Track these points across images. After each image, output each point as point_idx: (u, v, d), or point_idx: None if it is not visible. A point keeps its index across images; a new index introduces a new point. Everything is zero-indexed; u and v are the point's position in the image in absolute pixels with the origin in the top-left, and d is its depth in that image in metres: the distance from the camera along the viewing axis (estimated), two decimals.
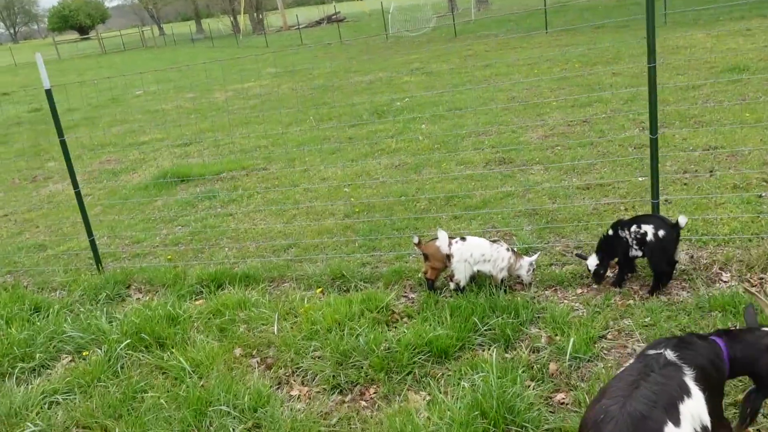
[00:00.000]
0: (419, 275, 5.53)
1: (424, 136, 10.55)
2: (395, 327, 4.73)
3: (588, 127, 9.66)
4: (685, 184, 6.81)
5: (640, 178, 7.18)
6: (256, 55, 13.16)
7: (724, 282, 4.79)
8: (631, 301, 4.69)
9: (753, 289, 4.54)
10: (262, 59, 27.00)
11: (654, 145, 5.00)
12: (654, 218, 4.81)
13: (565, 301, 4.87)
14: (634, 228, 4.75)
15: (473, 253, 4.90)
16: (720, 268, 4.95)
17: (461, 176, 8.20)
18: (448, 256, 4.92)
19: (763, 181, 6.51)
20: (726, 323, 4.17)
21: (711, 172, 7.02)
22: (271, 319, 4.99)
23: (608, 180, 7.24)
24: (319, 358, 4.46)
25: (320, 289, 5.62)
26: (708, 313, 4.33)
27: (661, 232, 4.63)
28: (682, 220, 4.62)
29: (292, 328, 4.84)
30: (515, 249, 5.15)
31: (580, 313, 4.62)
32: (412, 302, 5.19)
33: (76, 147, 14.38)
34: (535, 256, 5.15)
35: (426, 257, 5.17)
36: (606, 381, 3.74)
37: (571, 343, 4.05)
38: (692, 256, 5.19)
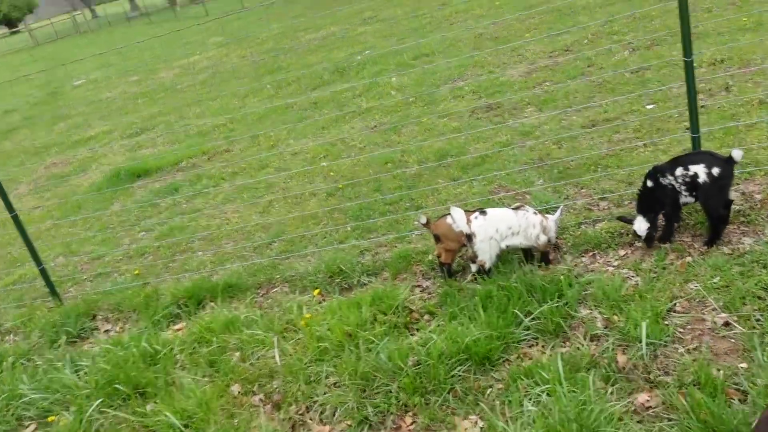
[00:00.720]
0: (429, 257, 4.76)
1: (395, 91, 9.64)
2: (417, 330, 3.96)
3: (572, 56, 8.83)
4: (702, 107, 6.05)
5: (648, 107, 6.42)
6: (198, 24, 12.03)
7: None
8: (689, 258, 3.97)
9: None
10: (205, 29, 25.48)
11: (690, 68, 4.21)
12: (701, 155, 4.05)
13: (610, 267, 4.13)
14: (680, 171, 3.99)
15: (499, 227, 4.11)
16: None
17: (448, 130, 7.36)
18: (469, 236, 4.12)
19: None
20: None
21: (727, 88, 6.29)
22: (268, 340, 4.18)
23: (613, 113, 6.47)
24: (335, 385, 3.68)
25: (317, 291, 4.81)
26: None
27: (715, 171, 3.88)
28: (737, 153, 3.87)
29: (295, 349, 4.04)
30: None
31: (634, 282, 3.88)
32: (429, 294, 4.42)
33: (17, 153, 13.20)
34: (558, 213, 4.37)
35: (437, 238, 4.38)
36: (695, 370, 3.04)
37: (644, 329, 3.30)
38: (743, 192, 4.47)
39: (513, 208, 4.26)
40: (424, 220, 4.32)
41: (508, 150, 6.33)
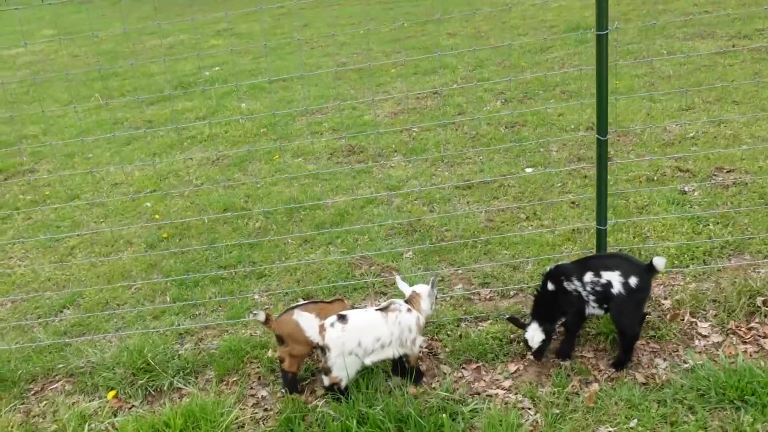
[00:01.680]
0: (270, 353, 3.65)
1: (244, 118, 8.44)
2: None
3: (441, 100, 8.15)
4: (585, 177, 5.50)
5: (527, 170, 5.77)
6: (16, 9, 10.15)
7: (704, 337, 3.45)
8: (596, 386, 3.18)
9: None
10: (38, 18, 22.66)
11: (603, 149, 3.48)
12: (616, 260, 3.30)
13: (500, 390, 3.25)
14: (589, 277, 3.22)
15: (362, 340, 3.08)
16: (691, 314, 3.60)
17: (302, 174, 6.31)
18: (323, 348, 3.07)
19: (678, 169, 5.36)
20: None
21: (610, 159, 5.78)
22: None
23: (489, 174, 5.75)
24: None
25: (113, 393, 3.53)
26: (720, 408, 2.91)
27: (633, 281, 3.15)
28: (659, 261, 3.15)
29: None
30: (408, 294, 3.39)
31: (532, 421, 3.02)
32: (266, 411, 3.30)
33: None
34: (431, 285, 3.39)
35: (280, 339, 3.29)
36: None
37: None
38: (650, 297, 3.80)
39: (381, 309, 3.25)
40: (262, 317, 3.21)
41: (371, 207, 5.38)
